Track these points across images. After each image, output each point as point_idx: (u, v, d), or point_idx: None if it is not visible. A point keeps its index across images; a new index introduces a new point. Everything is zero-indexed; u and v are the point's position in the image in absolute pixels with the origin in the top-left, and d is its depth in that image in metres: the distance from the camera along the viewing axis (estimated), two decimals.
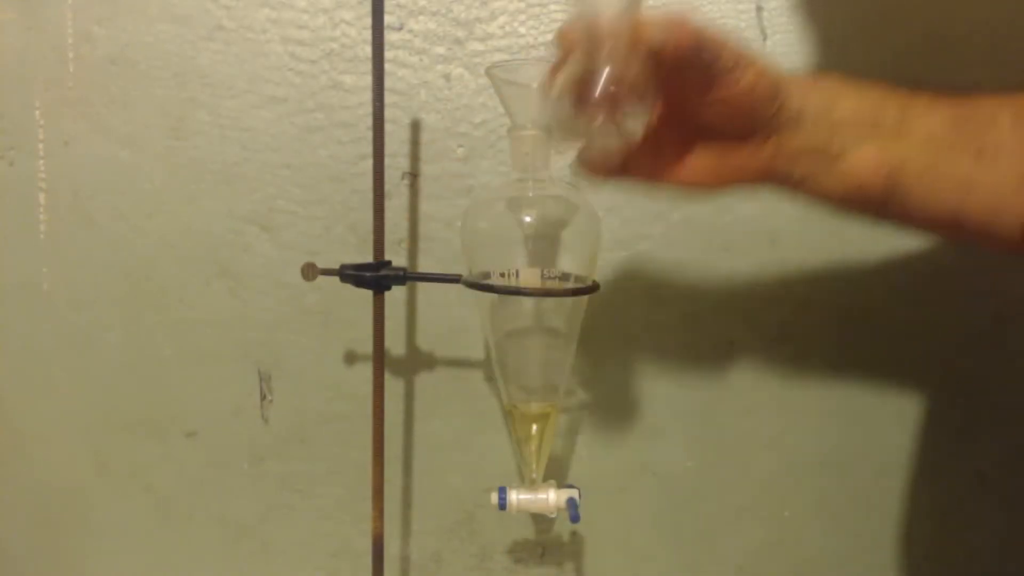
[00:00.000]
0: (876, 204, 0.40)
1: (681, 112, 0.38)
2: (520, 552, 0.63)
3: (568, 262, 0.49)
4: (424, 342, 0.60)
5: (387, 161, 0.56)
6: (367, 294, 0.51)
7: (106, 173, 0.60)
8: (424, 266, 0.59)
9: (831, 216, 0.59)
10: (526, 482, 0.52)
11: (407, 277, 0.51)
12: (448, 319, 0.60)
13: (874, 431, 0.61)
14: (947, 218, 0.40)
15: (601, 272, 0.58)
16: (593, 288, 0.50)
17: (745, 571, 0.63)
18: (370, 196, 0.50)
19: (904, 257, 0.59)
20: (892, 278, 0.59)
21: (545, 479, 0.52)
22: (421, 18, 0.58)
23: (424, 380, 0.61)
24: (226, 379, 0.61)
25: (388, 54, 0.57)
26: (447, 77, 0.58)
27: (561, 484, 0.52)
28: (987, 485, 0.62)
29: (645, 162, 0.39)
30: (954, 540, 0.62)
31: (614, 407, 0.61)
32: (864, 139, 0.38)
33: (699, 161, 0.40)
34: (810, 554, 0.63)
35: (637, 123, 0.35)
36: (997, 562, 0.63)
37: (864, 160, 0.38)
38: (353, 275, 0.50)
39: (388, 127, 0.57)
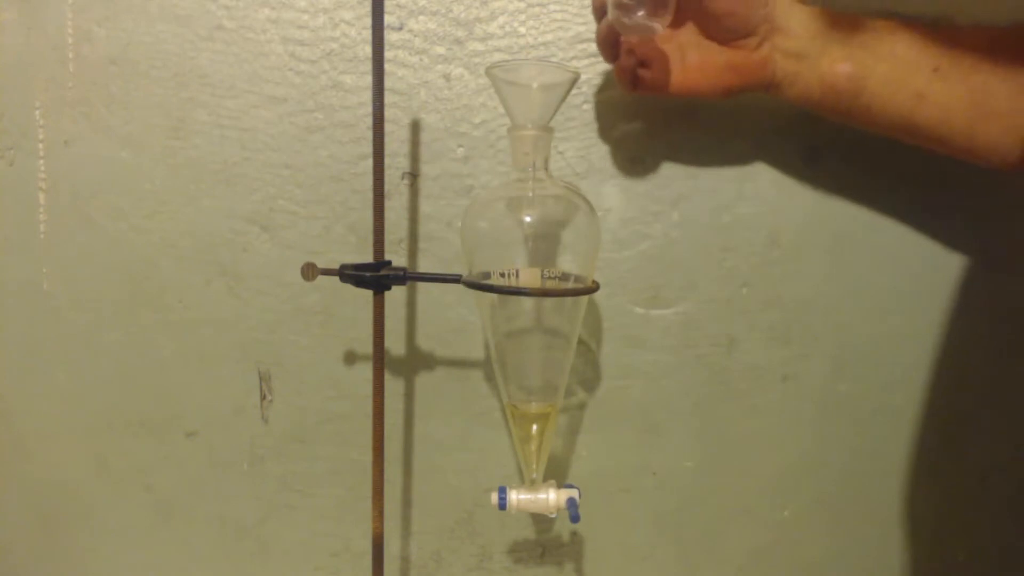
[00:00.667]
0: (845, 105, 0.50)
1: (691, 18, 0.50)
2: (520, 552, 0.63)
3: (568, 262, 0.49)
4: (424, 342, 0.60)
5: (387, 161, 0.56)
6: (367, 294, 0.51)
7: (106, 173, 0.60)
8: (424, 266, 0.59)
9: (831, 216, 0.59)
10: (526, 482, 0.52)
11: (407, 277, 0.51)
12: (448, 319, 0.60)
13: (874, 431, 0.61)
14: (903, 123, 0.49)
15: (601, 272, 0.58)
16: (593, 288, 0.50)
17: (745, 571, 0.63)
18: (370, 196, 0.50)
19: (904, 257, 0.59)
20: (892, 278, 0.59)
21: (545, 479, 0.52)
22: (421, 18, 0.58)
23: (424, 380, 0.61)
24: (226, 379, 0.61)
25: (388, 54, 0.57)
26: (447, 77, 0.58)
27: (561, 484, 0.52)
28: (988, 485, 0.62)
29: (660, 74, 0.50)
30: (954, 540, 0.63)
31: (614, 407, 0.61)
32: (839, 49, 0.48)
33: (704, 64, 0.50)
34: (810, 554, 0.63)
35: (656, 23, 0.46)
36: (997, 562, 0.63)
37: (837, 65, 0.48)
38: (353, 275, 0.50)
39: (388, 127, 0.57)
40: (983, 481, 0.62)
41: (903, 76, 0.48)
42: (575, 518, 0.49)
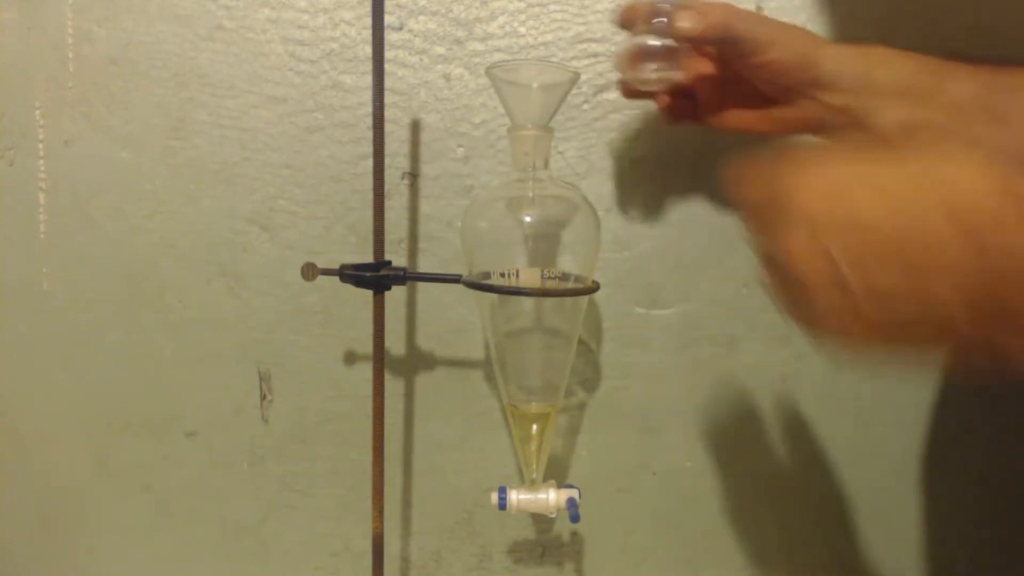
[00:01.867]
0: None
1: (734, 73, 0.47)
2: (520, 552, 0.63)
3: (568, 262, 0.49)
4: (424, 342, 0.60)
5: (387, 161, 0.56)
6: (367, 294, 0.51)
7: (106, 173, 0.60)
8: (424, 266, 0.59)
9: None
10: (526, 482, 0.52)
11: (407, 277, 0.51)
12: (448, 319, 0.60)
13: (874, 431, 0.61)
14: None
15: (601, 272, 0.58)
16: (593, 288, 0.50)
17: (745, 571, 0.63)
18: (370, 196, 0.50)
19: None
20: None
21: (545, 479, 0.52)
22: (421, 18, 0.58)
23: (424, 380, 0.61)
24: (226, 379, 0.61)
25: (388, 54, 0.57)
26: (447, 77, 0.58)
27: (561, 484, 0.52)
28: (988, 485, 0.62)
29: (710, 109, 0.50)
30: (954, 540, 0.63)
31: (614, 407, 0.61)
32: (897, 102, 0.43)
33: (752, 110, 0.48)
34: (810, 554, 0.63)
35: (671, 74, 0.46)
36: (997, 562, 0.63)
37: (892, 119, 0.43)
38: (353, 275, 0.50)
39: (388, 127, 0.57)
40: (983, 481, 0.62)
41: (960, 124, 0.43)
42: (575, 518, 0.49)
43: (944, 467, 0.62)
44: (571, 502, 0.50)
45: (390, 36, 0.57)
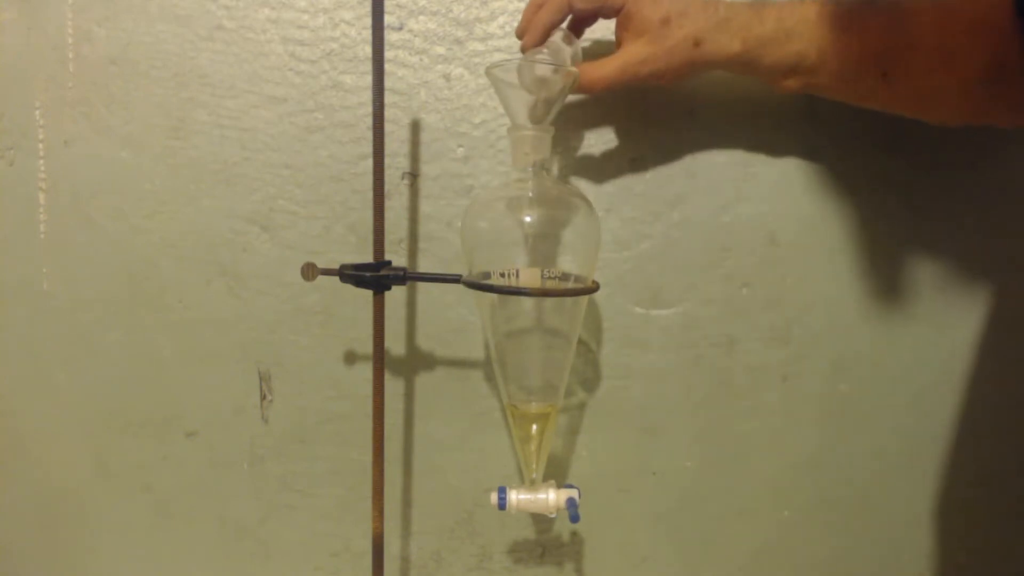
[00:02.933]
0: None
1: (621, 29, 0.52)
2: (520, 552, 0.63)
3: (568, 262, 0.49)
4: (424, 342, 0.60)
5: (387, 161, 0.56)
6: (367, 294, 0.51)
7: (106, 173, 0.60)
8: (424, 266, 0.59)
9: (831, 216, 0.59)
10: (526, 482, 0.52)
11: (407, 277, 0.51)
12: (448, 319, 0.60)
13: (874, 431, 0.61)
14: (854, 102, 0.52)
15: (601, 272, 0.58)
16: (593, 288, 0.50)
17: (745, 571, 0.63)
18: (370, 196, 0.50)
19: (903, 258, 0.59)
20: (891, 278, 0.59)
21: (545, 479, 0.52)
22: (421, 18, 0.58)
23: (424, 380, 0.61)
24: (226, 379, 0.61)
25: (388, 54, 0.57)
26: (447, 77, 0.58)
27: (561, 484, 0.52)
28: (988, 486, 0.62)
29: (614, 73, 0.51)
30: (954, 540, 0.62)
31: (614, 407, 0.61)
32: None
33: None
34: (810, 554, 0.63)
35: (577, 46, 0.51)
36: (997, 562, 0.63)
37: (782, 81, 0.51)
38: (353, 275, 0.50)
39: (388, 127, 0.57)
40: (983, 481, 0.62)
41: (850, 80, 0.49)
42: (575, 518, 0.49)
43: (944, 467, 0.62)
44: (571, 502, 0.50)
45: (390, 36, 0.57)
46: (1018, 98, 0.47)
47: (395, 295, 0.59)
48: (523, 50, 0.51)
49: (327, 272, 0.50)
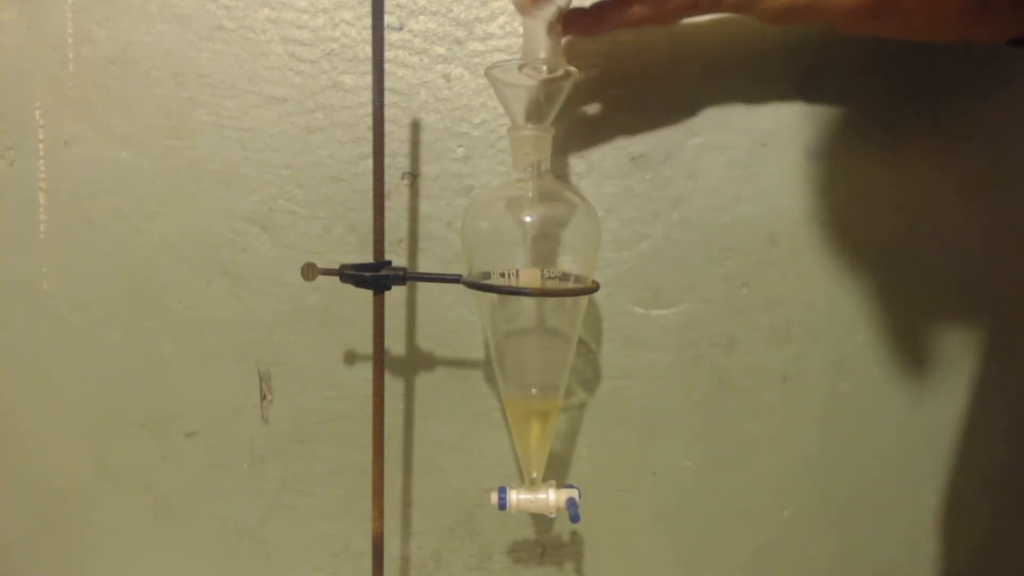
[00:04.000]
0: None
1: None
2: (520, 552, 0.63)
3: (568, 262, 0.49)
4: (424, 342, 0.60)
5: (387, 161, 0.56)
6: (367, 294, 0.51)
7: (106, 173, 0.60)
8: (424, 266, 0.59)
9: (831, 216, 0.59)
10: (526, 482, 0.52)
11: (407, 277, 0.51)
12: (448, 319, 0.60)
13: (874, 431, 0.61)
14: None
15: (601, 272, 0.58)
16: (593, 288, 0.50)
17: (746, 571, 0.63)
18: (370, 196, 0.50)
19: (903, 257, 0.59)
20: (891, 278, 0.59)
21: (545, 479, 0.52)
22: (421, 18, 0.58)
23: (424, 380, 0.61)
24: (226, 379, 0.61)
25: (388, 54, 0.57)
26: (447, 77, 0.58)
27: (561, 484, 0.52)
28: (988, 486, 0.62)
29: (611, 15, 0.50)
30: (954, 540, 0.62)
31: (614, 407, 0.61)
32: None
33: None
34: (810, 554, 0.63)
35: None
36: (997, 562, 0.63)
37: None
38: (353, 275, 0.50)
39: (388, 127, 0.57)
40: (983, 482, 0.62)
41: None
42: (575, 518, 0.49)
43: (944, 468, 0.62)
44: (571, 502, 0.50)
45: (390, 36, 0.57)
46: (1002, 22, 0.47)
47: (395, 295, 0.59)
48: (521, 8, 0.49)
49: (327, 272, 0.50)
